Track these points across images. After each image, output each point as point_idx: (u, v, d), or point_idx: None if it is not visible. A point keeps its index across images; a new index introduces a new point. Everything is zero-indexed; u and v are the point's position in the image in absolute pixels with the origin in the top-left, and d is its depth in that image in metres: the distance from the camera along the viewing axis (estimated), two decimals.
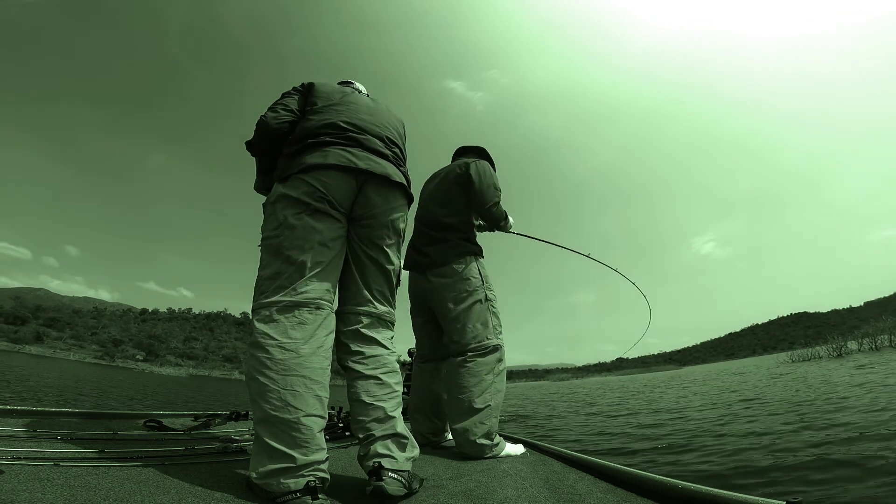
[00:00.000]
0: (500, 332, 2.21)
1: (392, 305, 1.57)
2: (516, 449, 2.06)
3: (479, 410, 1.98)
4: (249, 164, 1.71)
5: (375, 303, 1.49)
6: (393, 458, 1.25)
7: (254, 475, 1.14)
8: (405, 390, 4.52)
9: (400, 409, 1.40)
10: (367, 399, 1.33)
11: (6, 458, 1.21)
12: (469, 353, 2.09)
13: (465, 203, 2.30)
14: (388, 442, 1.28)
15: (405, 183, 1.59)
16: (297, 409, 1.18)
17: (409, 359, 4.83)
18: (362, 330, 1.44)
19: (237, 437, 1.84)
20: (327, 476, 1.17)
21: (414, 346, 5.02)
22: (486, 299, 2.20)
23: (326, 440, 2.10)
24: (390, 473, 1.21)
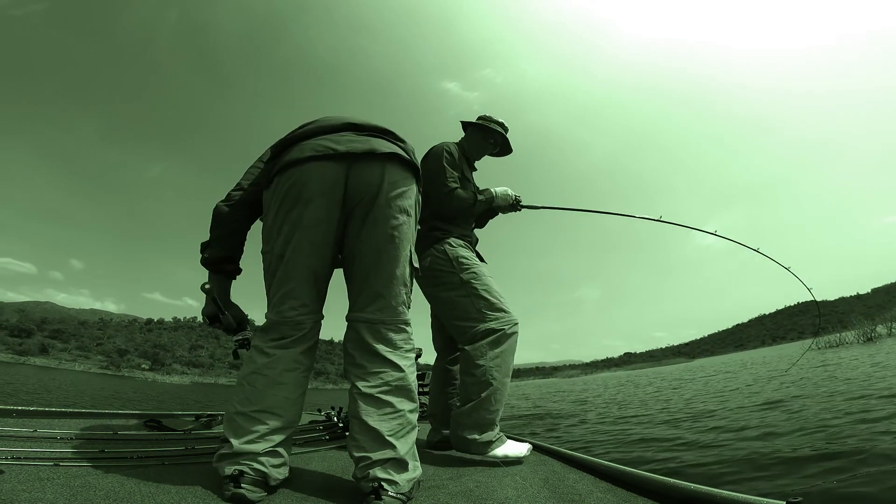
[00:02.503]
0: (492, 312, 1.91)
1: (401, 302, 1.38)
2: (518, 449, 1.81)
3: (469, 401, 1.80)
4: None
5: (375, 308, 1.34)
6: (394, 481, 1.17)
7: (213, 461, 1.20)
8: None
9: (405, 431, 1.27)
10: (364, 417, 1.24)
11: (6, 458, 1.22)
12: (465, 339, 1.92)
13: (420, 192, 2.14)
14: (388, 465, 1.19)
15: (402, 153, 1.37)
16: (252, 403, 1.22)
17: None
18: (365, 341, 1.32)
19: None
20: (265, 469, 1.16)
21: (416, 346, 5.00)
22: (462, 283, 1.93)
23: (325, 439, 2.13)
24: (390, 493, 1.15)
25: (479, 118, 2.32)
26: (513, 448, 1.80)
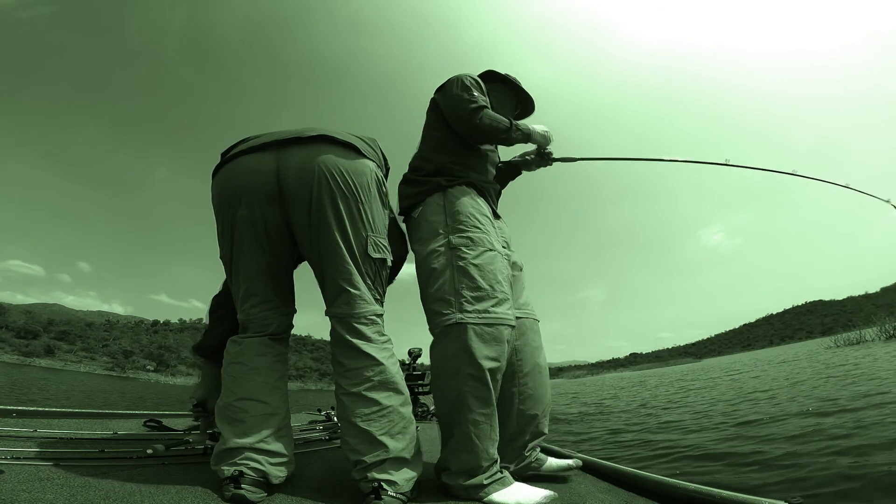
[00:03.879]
0: (474, 300, 1.36)
1: (366, 292, 1.29)
2: (530, 496, 1.26)
3: (449, 436, 1.35)
4: None
5: (342, 301, 1.28)
6: (393, 481, 1.15)
7: (211, 463, 1.20)
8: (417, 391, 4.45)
9: (398, 427, 1.22)
10: (353, 419, 1.20)
11: (6, 458, 1.22)
12: (432, 342, 1.43)
13: (433, 127, 1.69)
14: (385, 465, 1.17)
15: (334, 135, 1.28)
16: (233, 393, 1.23)
17: (408, 359, 4.76)
18: (341, 336, 1.28)
19: None
20: (264, 469, 1.16)
21: (415, 346, 4.91)
22: (450, 247, 1.42)
23: (325, 439, 2.13)
24: (390, 493, 1.13)
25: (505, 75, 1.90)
26: (523, 494, 1.27)
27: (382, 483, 1.14)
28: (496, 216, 1.67)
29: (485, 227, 1.50)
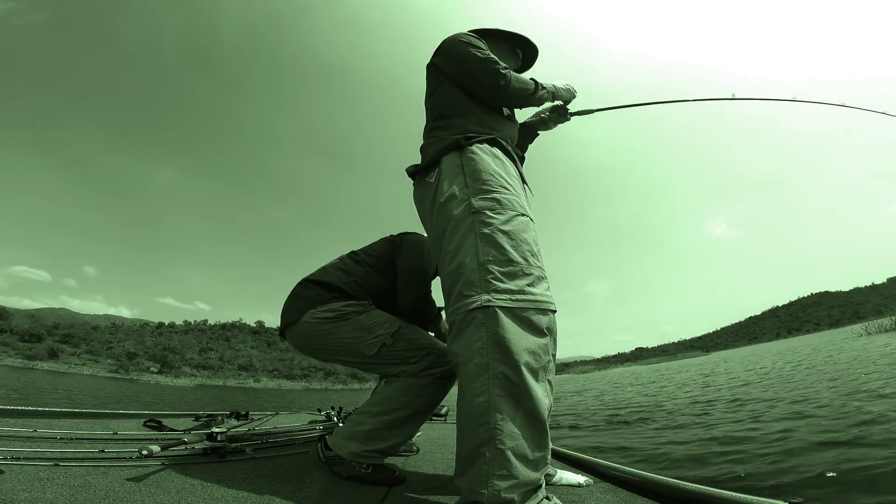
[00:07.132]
0: (511, 274, 1.09)
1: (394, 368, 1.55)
2: None
3: (476, 457, 1.01)
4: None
5: None
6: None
7: None
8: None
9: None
10: None
11: (6, 458, 1.24)
12: (452, 333, 1.13)
13: (438, 93, 1.45)
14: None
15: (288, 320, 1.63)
16: None
17: None
18: None
19: (237, 437, 1.85)
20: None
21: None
22: (471, 212, 1.15)
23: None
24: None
25: (493, 30, 1.61)
26: None
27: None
28: (523, 182, 1.41)
29: (514, 189, 1.23)
